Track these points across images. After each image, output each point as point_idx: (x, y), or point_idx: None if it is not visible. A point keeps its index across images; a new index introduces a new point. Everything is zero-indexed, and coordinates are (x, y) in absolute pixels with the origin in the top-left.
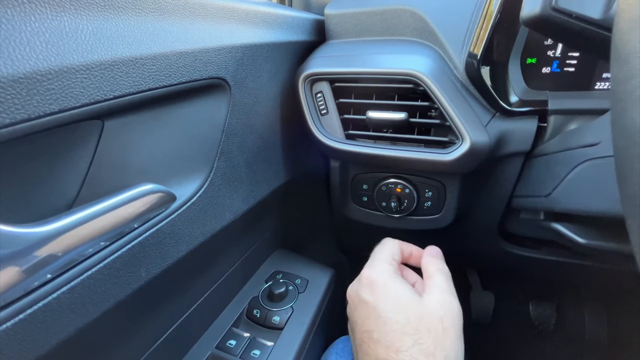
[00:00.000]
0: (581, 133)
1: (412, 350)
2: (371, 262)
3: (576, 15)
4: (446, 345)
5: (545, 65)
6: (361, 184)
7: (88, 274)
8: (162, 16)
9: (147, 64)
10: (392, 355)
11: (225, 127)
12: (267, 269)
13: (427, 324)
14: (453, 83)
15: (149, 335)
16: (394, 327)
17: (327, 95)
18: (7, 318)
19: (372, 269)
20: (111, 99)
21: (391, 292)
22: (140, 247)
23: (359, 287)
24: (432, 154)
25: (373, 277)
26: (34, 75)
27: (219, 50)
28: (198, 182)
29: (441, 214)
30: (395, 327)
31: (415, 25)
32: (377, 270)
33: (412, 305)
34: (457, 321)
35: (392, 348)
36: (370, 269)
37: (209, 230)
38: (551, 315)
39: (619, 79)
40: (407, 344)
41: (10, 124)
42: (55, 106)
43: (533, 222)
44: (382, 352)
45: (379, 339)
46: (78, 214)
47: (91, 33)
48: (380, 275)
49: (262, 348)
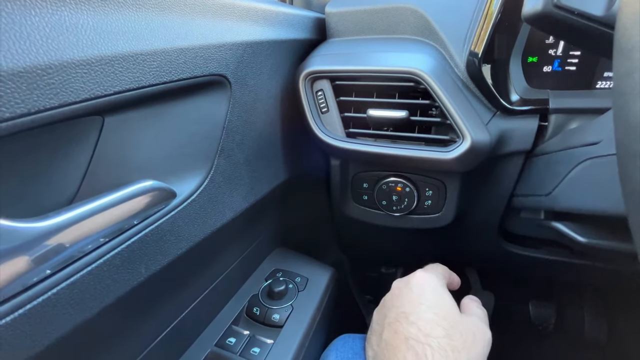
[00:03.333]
0: (582, 132)
1: (441, 340)
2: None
3: (578, 12)
4: (472, 352)
5: (547, 64)
6: (361, 183)
7: (87, 270)
8: (162, 12)
9: (147, 59)
10: (422, 337)
11: (226, 125)
12: (267, 267)
13: (461, 330)
14: (454, 81)
15: (149, 332)
16: (431, 316)
17: (327, 93)
18: (6, 313)
19: (428, 272)
20: (111, 94)
21: (438, 293)
22: (140, 244)
23: (409, 280)
24: (432, 152)
25: (426, 278)
26: (34, 70)
27: (220, 47)
28: (198, 179)
29: (441, 212)
30: (432, 317)
31: (416, 23)
32: (431, 275)
33: (452, 311)
34: (486, 345)
35: (424, 331)
36: (425, 271)
37: (209, 227)
38: (551, 315)
39: (621, 74)
40: (439, 333)
41: (10, 118)
42: (55, 101)
43: (533, 221)
44: (414, 332)
45: (414, 321)
46: (78, 210)
47: (91, 28)
48: (433, 279)
49: (262, 346)
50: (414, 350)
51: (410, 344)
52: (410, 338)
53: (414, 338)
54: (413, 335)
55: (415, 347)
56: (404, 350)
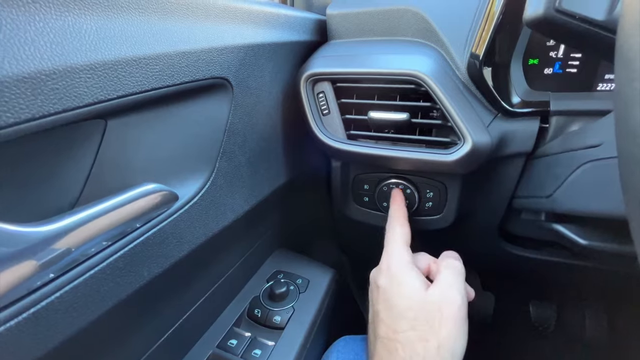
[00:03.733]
0: (583, 134)
1: (407, 334)
2: (387, 249)
3: (579, 17)
4: (441, 334)
5: (548, 66)
6: (362, 184)
7: (91, 274)
8: (165, 16)
9: (150, 63)
10: (391, 334)
11: (227, 127)
12: (268, 269)
13: (426, 314)
14: (455, 84)
15: (150, 334)
16: (397, 310)
17: (328, 95)
18: (10, 317)
19: (390, 257)
20: (114, 98)
21: (401, 279)
22: (143, 247)
23: (378, 273)
24: (433, 154)
25: (390, 265)
26: (38, 75)
27: (222, 50)
28: (200, 182)
29: (442, 214)
30: (397, 311)
31: (417, 25)
32: (394, 259)
33: (416, 294)
34: (458, 314)
35: (391, 328)
36: (386, 257)
37: (211, 229)
38: (551, 316)
39: (622, 81)
40: (404, 327)
41: (15, 124)
42: (59, 106)
43: (534, 223)
44: (384, 330)
45: (383, 319)
46: (81, 214)
47: (95, 33)
48: (395, 263)
49: (263, 348)
50: (386, 349)
51: (383, 343)
52: (382, 337)
53: (384, 336)
54: (384, 334)
55: (388, 345)
56: (380, 349)
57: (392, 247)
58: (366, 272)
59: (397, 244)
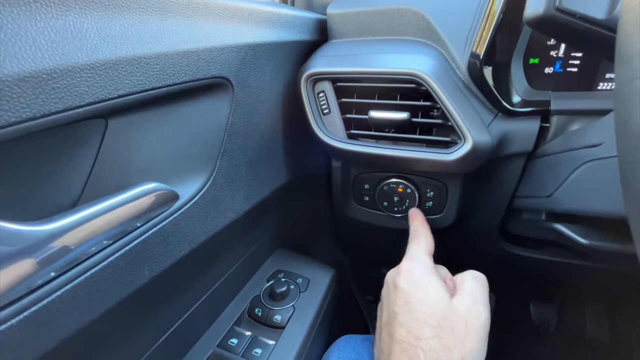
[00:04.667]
0: (584, 133)
1: (431, 342)
2: (410, 254)
3: (580, 16)
4: (465, 346)
5: (548, 65)
6: (363, 184)
7: (91, 272)
8: (165, 16)
9: (150, 63)
10: (412, 340)
11: (228, 127)
12: (268, 268)
13: (451, 324)
14: (455, 83)
15: (151, 333)
16: (419, 315)
17: (329, 94)
18: (12, 316)
19: (412, 261)
20: (115, 97)
21: (424, 284)
22: (143, 246)
23: (397, 274)
24: (434, 154)
25: (412, 268)
26: (39, 74)
27: (222, 50)
28: (200, 181)
29: (443, 214)
30: (420, 316)
31: (417, 25)
32: (416, 262)
33: (440, 302)
34: (482, 329)
35: (413, 334)
36: (409, 261)
37: (211, 229)
38: (552, 316)
39: (622, 80)
40: (428, 334)
41: (16, 123)
42: (60, 105)
43: (535, 223)
44: (404, 335)
45: (403, 323)
46: (81, 213)
47: (96, 32)
48: (418, 268)
49: (264, 347)
50: (407, 354)
51: (403, 347)
52: (402, 341)
53: (405, 341)
54: (404, 338)
55: (408, 350)
56: (397, 352)
57: (415, 252)
58: (366, 272)
59: (420, 250)
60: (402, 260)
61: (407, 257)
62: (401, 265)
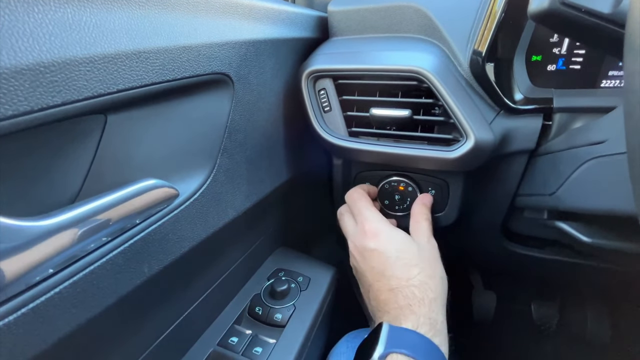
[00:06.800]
0: (587, 131)
1: (419, 276)
2: (363, 214)
3: (585, 10)
4: (437, 269)
5: (551, 62)
6: (364, 182)
7: (90, 269)
8: (166, 10)
9: (150, 58)
10: (404, 283)
11: (228, 124)
12: (269, 267)
13: (424, 257)
14: (457, 80)
15: (151, 331)
16: (403, 262)
17: (330, 92)
18: (9, 312)
19: (371, 222)
20: (114, 92)
21: (394, 237)
22: (143, 243)
23: (363, 239)
24: (435, 151)
25: (377, 229)
26: (37, 67)
27: (223, 46)
28: (201, 179)
29: (444, 212)
30: (404, 263)
31: (419, 22)
32: (376, 222)
33: (410, 245)
34: (438, 255)
35: (403, 278)
36: (369, 222)
37: (211, 226)
38: (553, 315)
39: (631, 72)
40: (415, 272)
41: (13, 116)
42: (58, 99)
43: (537, 221)
44: (395, 283)
45: (392, 274)
46: (80, 209)
47: (95, 26)
48: (381, 226)
49: (264, 345)
50: (401, 294)
51: (396, 292)
52: (395, 288)
53: (396, 287)
54: (395, 285)
55: (404, 291)
56: (393, 298)
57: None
58: None
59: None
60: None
61: (359, 219)
62: (364, 229)
